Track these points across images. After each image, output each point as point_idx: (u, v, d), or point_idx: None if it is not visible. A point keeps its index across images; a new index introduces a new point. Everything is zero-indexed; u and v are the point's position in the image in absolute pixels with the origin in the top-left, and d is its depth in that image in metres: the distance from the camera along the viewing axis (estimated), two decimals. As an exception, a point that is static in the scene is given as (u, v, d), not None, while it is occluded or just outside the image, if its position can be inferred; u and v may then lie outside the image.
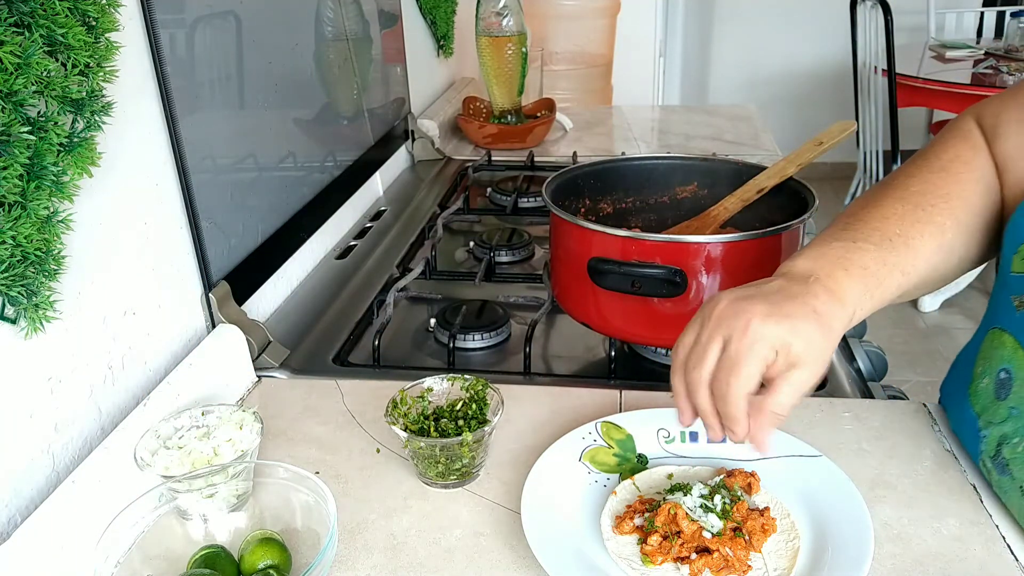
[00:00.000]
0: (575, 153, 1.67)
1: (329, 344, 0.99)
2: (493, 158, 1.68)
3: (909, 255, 0.65)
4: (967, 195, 0.69)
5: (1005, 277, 0.67)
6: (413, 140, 1.69)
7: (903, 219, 0.66)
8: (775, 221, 0.84)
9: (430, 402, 0.75)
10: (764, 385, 0.59)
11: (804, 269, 0.62)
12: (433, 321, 1.02)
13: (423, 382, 0.76)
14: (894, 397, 0.87)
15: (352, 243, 1.29)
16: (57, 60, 0.61)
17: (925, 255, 0.66)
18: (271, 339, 0.95)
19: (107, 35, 0.65)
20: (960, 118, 0.75)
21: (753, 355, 0.57)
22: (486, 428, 0.71)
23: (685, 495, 0.64)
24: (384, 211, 1.43)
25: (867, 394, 0.87)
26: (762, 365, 0.58)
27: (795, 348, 0.57)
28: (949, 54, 3.32)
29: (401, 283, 1.08)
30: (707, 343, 0.60)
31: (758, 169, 0.96)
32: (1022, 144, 0.69)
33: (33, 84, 0.57)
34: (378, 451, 0.77)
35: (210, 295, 0.89)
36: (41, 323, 0.61)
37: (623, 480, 0.70)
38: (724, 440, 0.74)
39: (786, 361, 0.58)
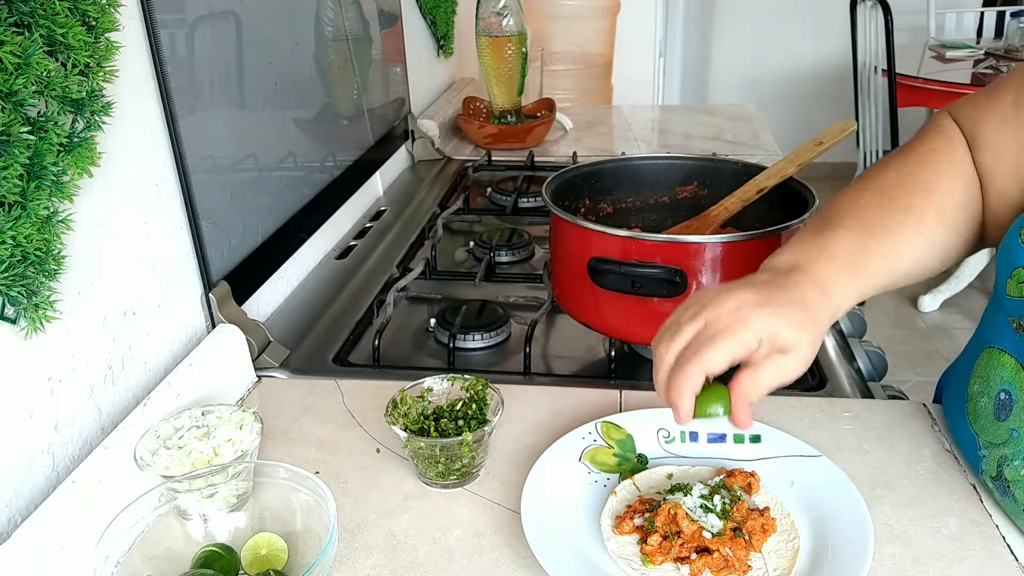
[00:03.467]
0: (575, 153, 1.67)
1: (329, 344, 0.99)
2: (493, 158, 1.68)
3: (889, 240, 0.65)
4: (945, 185, 0.69)
5: (1000, 299, 0.67)
6: (413, 140, 1.69)
7: (880, 207, 0.67)
8: (775, 221, 0.85)
9: (430, 402, 0.75)
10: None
11: (788, 262, 0.63)
12: (433, 321, 1.02)
13: (423, 382, 0.76)
14: (894, 397, 0.87)
15: (352, 243, 1.29)
16: (57, 60, 0.61)
17: (906, 238, 0.66)
18: (271, 339, 0.95)
19: (107, 35, 0.65)
20: (937, 115, 0.76)
21: (732, 337, 0.56)
22: (486, 428, 0.71)
23: (685, 495, 0.64)
24: (384, 211, 1.43)
25: (867, 394, 0.87)
26: (738, 350, 0.57)
27: (783, 336, 0.57)
28: (949, 54, 3.32)
29: (401, 283, 1.08)
30: (685, 322, 0.59)
31: (758, 169, 0.96)
32: (1001, 156, 0.68)
33: (33, 84, 0.57)
34: (378, 451, 0.77)
35: (210, 295, 0.89)
36: (41, 323, 0.61)
37: (623, 480, 0.70)
38: (723, 438, 0.75)
39: (772, 347, 0.57)
